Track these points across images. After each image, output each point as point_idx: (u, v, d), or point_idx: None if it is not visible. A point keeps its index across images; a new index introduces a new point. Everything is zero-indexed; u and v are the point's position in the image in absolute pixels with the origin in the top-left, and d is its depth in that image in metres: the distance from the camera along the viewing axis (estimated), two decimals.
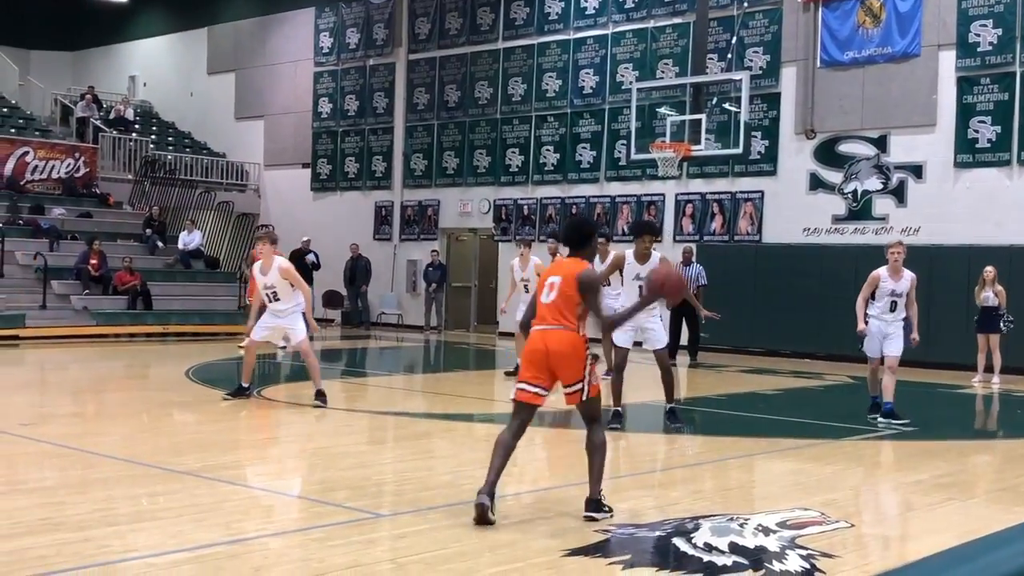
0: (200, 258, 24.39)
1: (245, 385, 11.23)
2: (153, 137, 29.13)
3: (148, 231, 24.33)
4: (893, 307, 10.79)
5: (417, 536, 5.75)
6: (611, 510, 6.24)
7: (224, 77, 30.10)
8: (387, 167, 26.65)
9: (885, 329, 10.79)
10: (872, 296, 10.86)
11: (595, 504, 6.23)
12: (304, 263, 24.53)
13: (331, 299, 25.82)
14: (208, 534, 5.69)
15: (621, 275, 10.29)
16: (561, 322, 6.18)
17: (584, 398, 6.24)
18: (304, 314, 11.02)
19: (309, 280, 24.68)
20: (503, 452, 6.31)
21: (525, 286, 14.12)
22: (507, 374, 14.76)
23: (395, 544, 5.69)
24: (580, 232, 6.49)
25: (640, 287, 9.60)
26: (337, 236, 25.98)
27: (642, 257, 10.02)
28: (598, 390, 6.34)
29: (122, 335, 20.09)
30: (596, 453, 6.32)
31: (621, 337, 10.02)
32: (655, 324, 10.11)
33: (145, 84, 32.87)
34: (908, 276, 10.82)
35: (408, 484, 7.35)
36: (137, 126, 29.31)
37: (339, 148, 27.59)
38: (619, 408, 10.13)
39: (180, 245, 23.96)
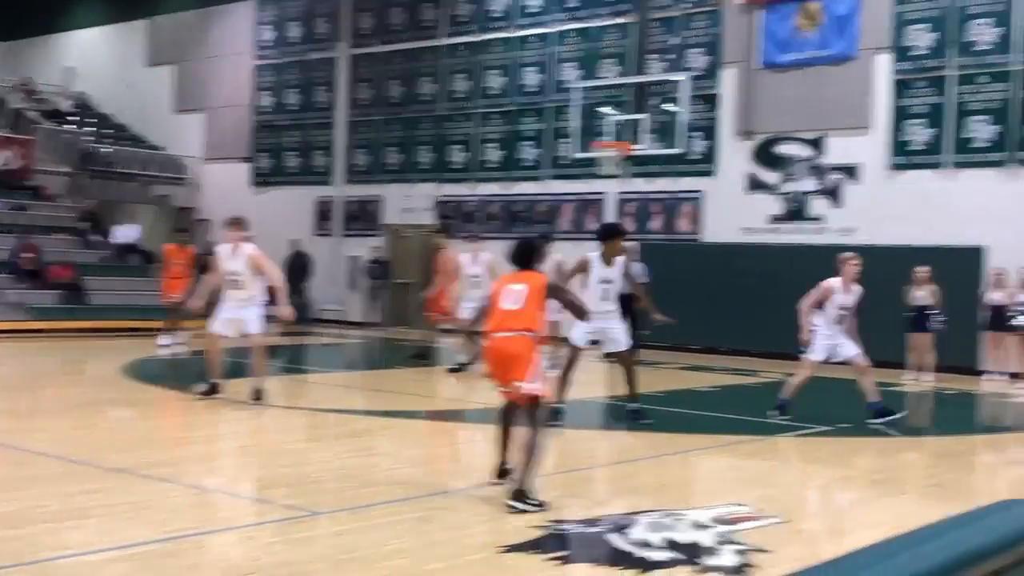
0: (137, 252, 24.06)
1: (216, 382, 10.97)
2: (90, 129, 28.65)
3: (84, 224, 23.95)
4: (841, 320, 11.03)
5: (355, 534, 5.75)
6: (541, 505, 6.40)
7: (163, 69, 29.68)
8: (329, 162, 26.49)
9: (834, 339, 10.98)
10: (819, 306, 10.96)
11: (519, 493, 6.45)
12: None
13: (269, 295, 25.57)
14: (142, 532, 5.64)
15: (585, 277, 10.23)
16: (524, 329, 6.72)
17: (530, 397, 6.69)
18: (272, 302, 10.97)
19: None
20: (505, 425, 7.07)
21: (476, 282, 14.23)
22: (450, 371, 14.80)
23: (332, 542, 5.68)
24: (529, 252, 7.11)
25: (605, 289, 9.91)
26: (277, 231, 25.70)
27: (609, 258, 10.07)
28: (543, 394, 6.81)
29: (57, 331, 19.75)
30: (529, 450, 6.64)
31: (577, 336, 10.09)
32: (616, 325, 10.21)
33: (82, 75, 32.29)
34: (857, 290, 11.06)
35: (347, 482, 7.33)
36: (73, 118, 28.81)
37: (280, 142, 27.36)
38: (562, 403, 10.17)
39: (117, 239, 23.61)
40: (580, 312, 7.38)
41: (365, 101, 25.88)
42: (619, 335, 10.22)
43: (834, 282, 10.84)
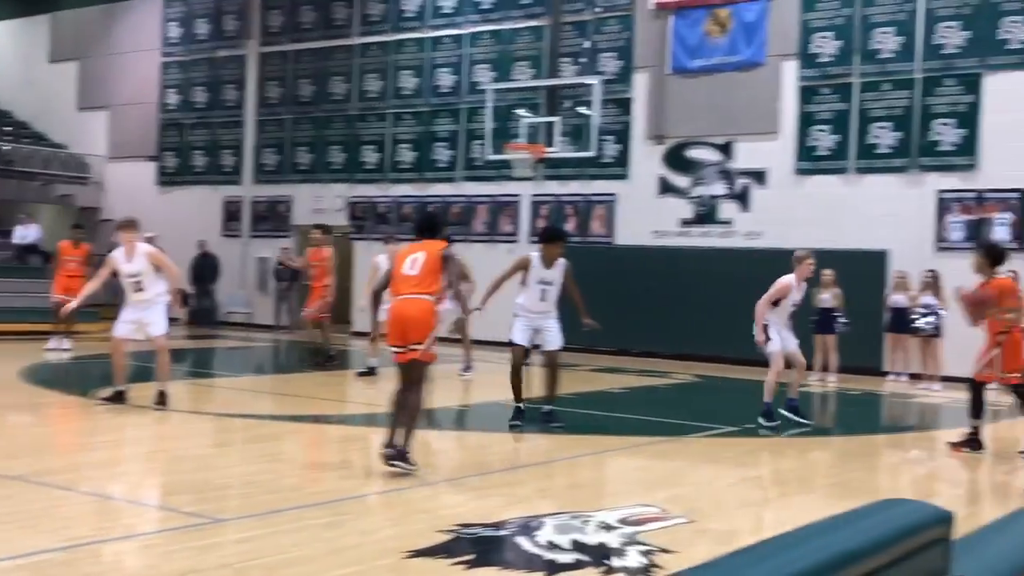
0: (37, 253, 23.39)
1: (122, 388, 10.65)
2: None
3: None
4: (792, 316, 11.24)
5: (259, 540, 5.63)
6: (415, 466, 7.32)
7: (66, 66, 28.92)
8: (237, 161, 26.08)
9: (783, 332, 11.14)
10: (775, 303, 11.04)
11: (402, 455, 7.30)
12: None
13: (176, 298, 25.08)
14: (39, 540, 5.45)
15: (525, 276, 10.34)
16: (422, 292, 7.46)
17: (417, 359, 7.42)
18: (169, 305, 10.89)
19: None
20: (397, 407, 7.51)
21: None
22: (359, 375, 14.67)
23: (235, 549, 5.56)
24: (432, 222, 8.14)
25: (544, 290, 10.18)
26: (184, 232, 25.25)
27: (549, 261, 10.26)
28: (431, 358, 7.54)
29: None
30: (407, 411, 7.41)
31: (518, 335, 10.28)
32: (553, 325, 10.37)
33: None
34: (804, 287, 11.32)
35: (252, 488, 7.19)
36: None
37: (187, 141, 26.86)
38: (520, 404, 10.33)
39: (16, 239, 22.93)
40: (458, 295, 8.43)
41: (275, 100, 25.55)
42: (554, 335, 10.38)
43: (790, 279, 11.01)
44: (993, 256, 9.89)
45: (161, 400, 10.46)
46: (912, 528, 2.15)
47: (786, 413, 11.03)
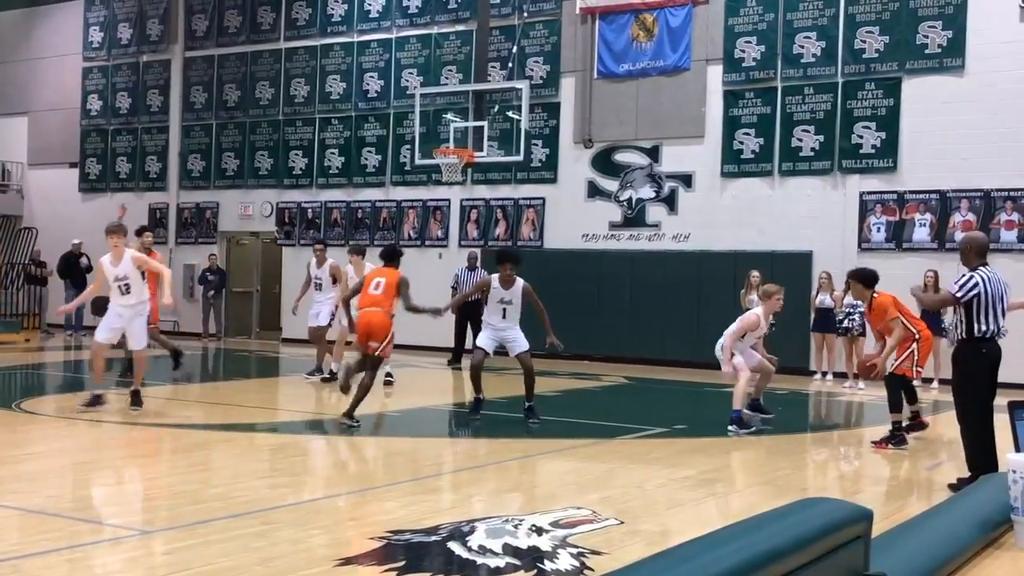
0: None
1: (99, 393, 10.92)
2: None
3: None
4: (754, 347, 11.53)
5: (185, 552, 5.55)
6: (359, 424, 10.15)
7: None
8: (162, 167, 25.69)
9: (745, 352, 11.35)
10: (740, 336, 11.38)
11: (350, 415, 10.30)
12: (78, 266, 23.36)
13: (99, 305, 24.60)
14: None
15: (485, 296, 11.32)
16: (382, 307, 10.52)
17: (378, 353, 10.57)
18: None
19: (83, 285, 23.53)
20: (359, 385, 10.53)
21: (319, 286, 15.12)
22: (308, 375, 15.01)
23: (163, 560, 5.47)
24: (393, 253, 11.11)
25: (504, 309, 11.14)
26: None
27: (506, 281, 11.10)
28: (386, 354, 10.93)
29: None
30: (364, 389, 10.47)
31: (483, 341, 11.27)
32: (515, 333, 11.23)
33: None
34: (770, 319, 11.67)
35: (178, 498, 7.08)
36: None
37: (110, 147, 26.39)
38: (480, 396, 11.33)
39: None
40: (415, 309, 11.00)
41: (200, 105, 25.22)
42: (520, 340, 11.25)
43: (759, 315, 11.28)
44: (866, 279, 10.66)
45: (136, 401, 10.93)
46: (832, 526, 2.19)
47: (748, 412, 11.28)
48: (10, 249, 25.99)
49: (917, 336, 10.45)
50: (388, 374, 14.44)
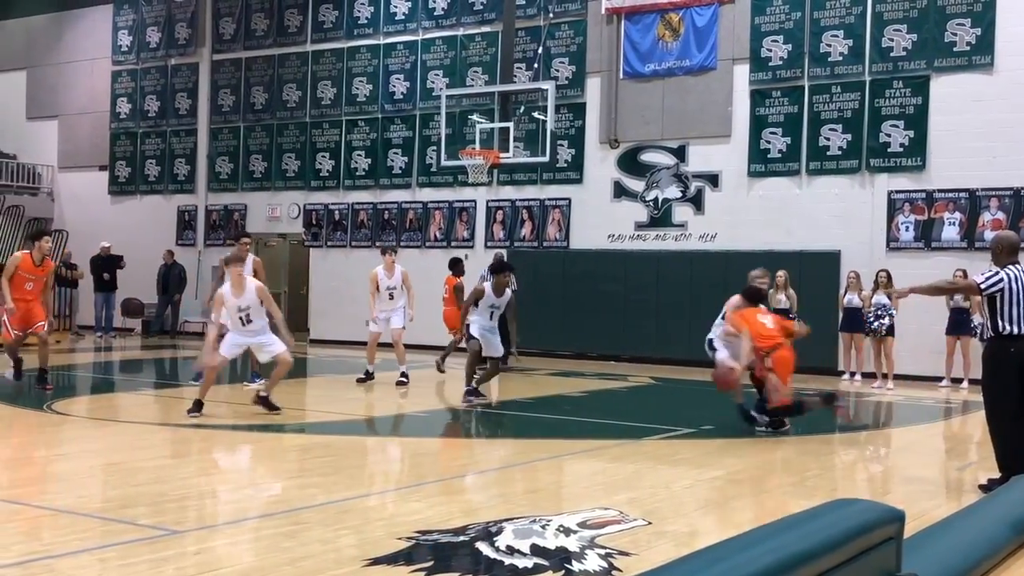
0: None
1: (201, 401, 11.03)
2: None
3: None
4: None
5: (215, 552, 5.59)
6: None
7: (14, 75, 28.54)
8: (191, 170, 25.86)
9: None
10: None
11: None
12: (107, 268, 23.57)
13: (130, 308, 24.85)
14: None
15: (479, 301, 12.65)
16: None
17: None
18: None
19: (114, 286, 23.75)
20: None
21: (391, 294, 14.77)
22: (359, 380, 14.89)
23: (193, 560, 5.51)
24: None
25: (492, 313, 12.56)
26: (137, 241, 25.05)
27: (499, 290, 12.49)
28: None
29: None
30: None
31: (477, 331, 12.52)
32: (497, 340, 12.74)
33: None
34: None
35: (208, 499, 7.14)
36: None
37: (139, 150, 26.60)
38: (472, 386, 12.51)
39: None
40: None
41: (228, 108, 25.37)
42: (499, 345, 12.84)
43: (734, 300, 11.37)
44: (749, 297, 11.02)
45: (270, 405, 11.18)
46: (864, 527, 2.19)
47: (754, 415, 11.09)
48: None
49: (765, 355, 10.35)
50: (403, 374, 14.53)
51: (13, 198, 27.25)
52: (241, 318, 10.99)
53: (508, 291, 12.71)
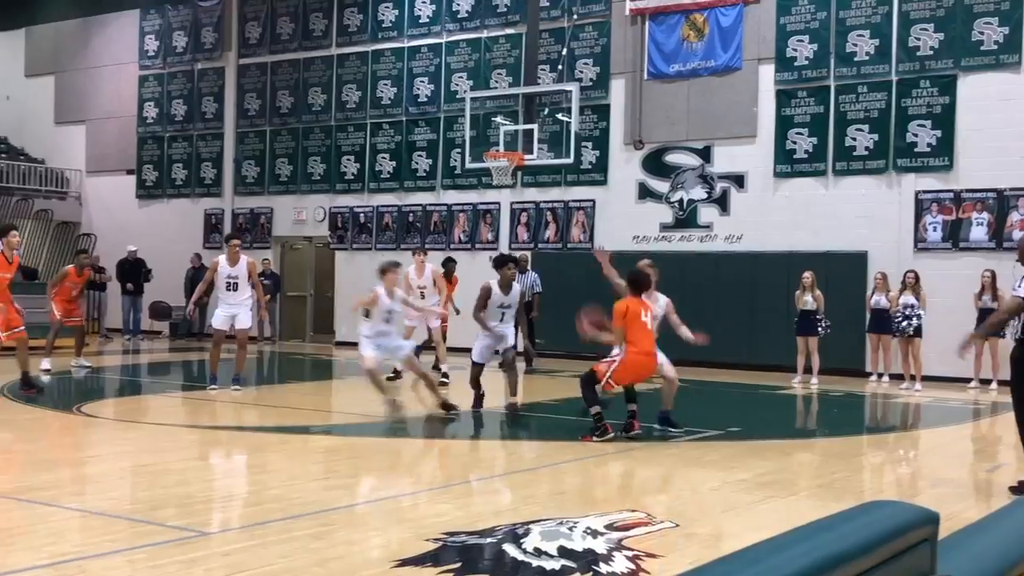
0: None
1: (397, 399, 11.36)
2: None
3: None
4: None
5: (244, 553, 5.61)
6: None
7: (43, 80, 28.82)
8: (217, 174, 26.02)
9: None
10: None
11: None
12: (134, 271, 23.74)
13: (157, 311, 25.01)
14: (21, 558, 5.41)
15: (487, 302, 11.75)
16: None
17: None
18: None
19: (141, 290, 23.90)
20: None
21: (422, 293, 15.24)
22: (388, 378, 14.88)
23: (221, 562, 5.53)
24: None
25: (503, 313, 11.63)
26: (165, 245, 25.21)
27: (507, 285, 11.61)
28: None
29: None
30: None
31: (479, 355, 11.88)
32: (510, 329, 11.89)
33: None
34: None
35: (236, 500, 7.18)
36: None
37: (166, 154, 26.79)
38: (480, 392, 11.99)
39: None
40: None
41: (254, 112, 25.51)
42: (511, 336, 11.97)
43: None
44: (632, 283, 10.42)
45: (450, 411, 11.45)
46: (898, 529, 2.17)
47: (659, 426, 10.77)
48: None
49: (620, 351, 9.99)
50: (444, 374, 14.66)
51: (42, 202, 27.49)
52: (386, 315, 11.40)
53: (516, 286, 11.91)
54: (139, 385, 16.48)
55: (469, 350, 12.15)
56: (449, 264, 17.14)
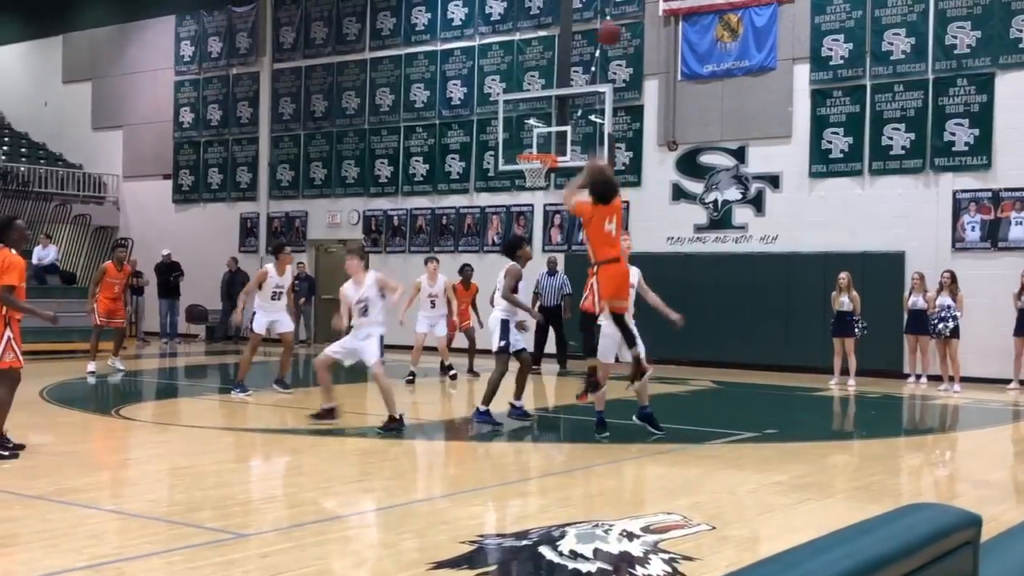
0: (55, 273, 23.53)
1: (332, 406, 11.02)
2: (5, 148, 28.01)
3: None
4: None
5: (281, 555, 5.64)
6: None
7: (80, 86, 29.16)
8: (252, 178, 26.20)
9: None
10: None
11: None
12: (168, 275, 23.94)
13: (194, 314, 25.20)
14: (60, 560, 5.47)
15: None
16: None
17: None
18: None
19: (177, 293, 24.10)
20: None
21: (432, 302, 15.59)
22: (407, 382, 15.30)
23: (258, 564, 5.56)
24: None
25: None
26: (201, 249, 25.42)
27: (524, 264, 11.37)
28: None
29: None
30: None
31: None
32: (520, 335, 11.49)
33: None
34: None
35: (273, 502, 7.21)
36: None
37: (202, 159, 27.01)
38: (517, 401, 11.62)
39: (34, 260, 23.04)
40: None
41: (288, 116, 25.67)
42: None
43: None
44: (594, 191, 9.77)
45: (391, 426, 10.48)
46: (939, 532, 2.14)
47: (639, 422, 10.47)
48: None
49: (595, 267, 9.54)
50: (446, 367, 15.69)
51: (80, 207, 27.80)
52: (359, 310, 11.10)
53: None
54: (176, 388, 16.61)
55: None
56: (466, 271, 17.22)
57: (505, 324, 11.02)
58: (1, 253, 8.72)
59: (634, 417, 10.41)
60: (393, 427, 10.29)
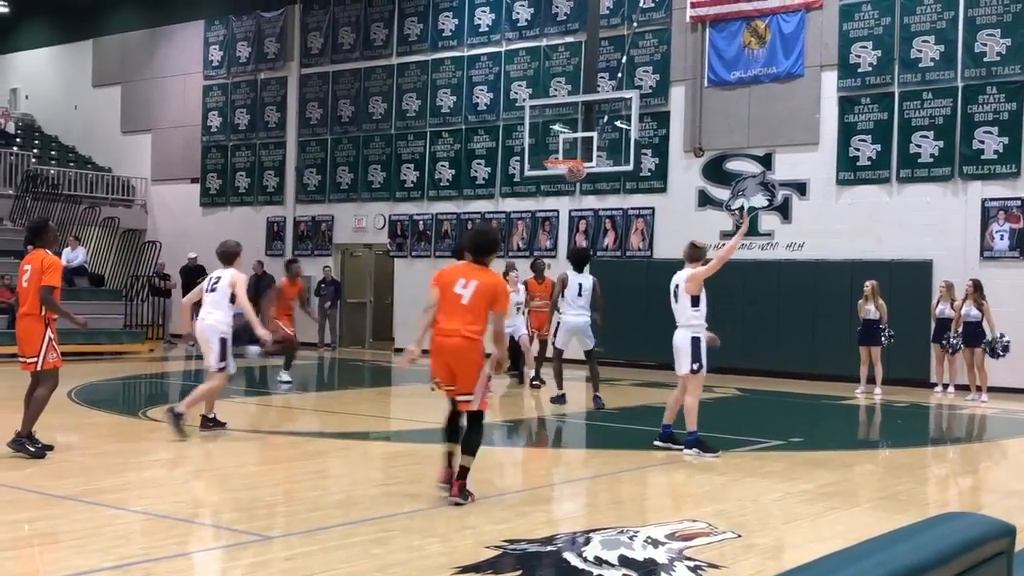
0: (84, 275, 23.72)
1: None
2: (35, 151, 28.26)
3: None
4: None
5: (306, 557, 5.66)
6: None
7: (110, 90, 29.40)
8: (279, 182, 26.33)
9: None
10: None
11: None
12: (195, 279, 24.07)
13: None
14: (88, 560, 5.51)
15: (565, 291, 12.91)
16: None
17: None
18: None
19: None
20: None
21: (517, 307, 15.73)
22: (533, 385, 15.78)
23: (284, 566, 5.59)
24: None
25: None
26: None
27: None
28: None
29: (1, 355, 19.34)
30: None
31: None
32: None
33: (27, 97, 31.91)
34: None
35: (299, 505, 7.24)
36: (18, 140, 28.40)
37: (229, 162, 27.17)
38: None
39: (64, 262, 23.20)
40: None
41: (315, 120, 25.78)
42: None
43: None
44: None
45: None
46: (974, 541, 2.13)
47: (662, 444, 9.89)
48: (135, 262, 26.91)
49: None
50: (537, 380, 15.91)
51: (108, 210, 27.99)
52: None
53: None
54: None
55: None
56: (539, 263, 17.40)
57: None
58: (39, 254, 8.84)
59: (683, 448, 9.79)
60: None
